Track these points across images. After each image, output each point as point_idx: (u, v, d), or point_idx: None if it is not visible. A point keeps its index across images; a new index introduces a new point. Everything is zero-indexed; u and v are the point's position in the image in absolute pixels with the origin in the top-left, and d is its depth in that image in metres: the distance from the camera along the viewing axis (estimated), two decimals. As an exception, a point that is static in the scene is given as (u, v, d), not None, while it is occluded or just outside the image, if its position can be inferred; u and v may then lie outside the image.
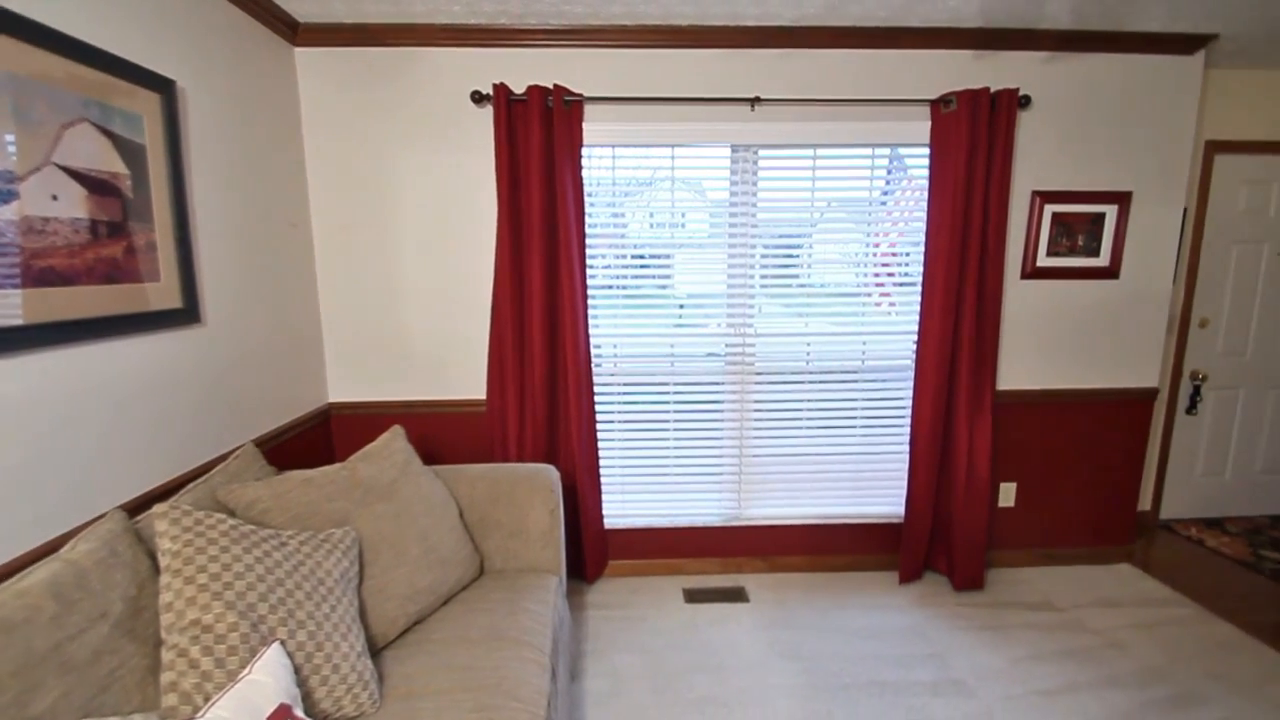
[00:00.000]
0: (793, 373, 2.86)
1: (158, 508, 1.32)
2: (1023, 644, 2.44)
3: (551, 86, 2.44)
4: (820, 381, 2.87)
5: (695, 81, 2.56)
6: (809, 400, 2.88)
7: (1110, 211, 2.76)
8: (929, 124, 2.59)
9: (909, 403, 2.82)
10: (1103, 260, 2.80)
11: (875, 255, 2.83)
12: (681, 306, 2.80)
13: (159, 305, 1.72)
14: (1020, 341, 2.85)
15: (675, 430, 2.88)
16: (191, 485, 1.64)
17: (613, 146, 2.63)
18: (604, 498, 2.87)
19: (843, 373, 2.87)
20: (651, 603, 2.73)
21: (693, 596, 2.77)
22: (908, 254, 2.80)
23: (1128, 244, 2.80)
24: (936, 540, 2.89)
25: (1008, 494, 2.98)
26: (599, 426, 2.79)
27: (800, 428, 2.91)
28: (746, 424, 2.88)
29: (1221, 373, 3.37)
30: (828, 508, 2.98)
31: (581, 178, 2.52)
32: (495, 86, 2.43)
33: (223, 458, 1.97)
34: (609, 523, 2.90)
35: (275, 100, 2.34)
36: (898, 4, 2.28)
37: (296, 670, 1.30)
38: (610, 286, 2.77)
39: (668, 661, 2.33)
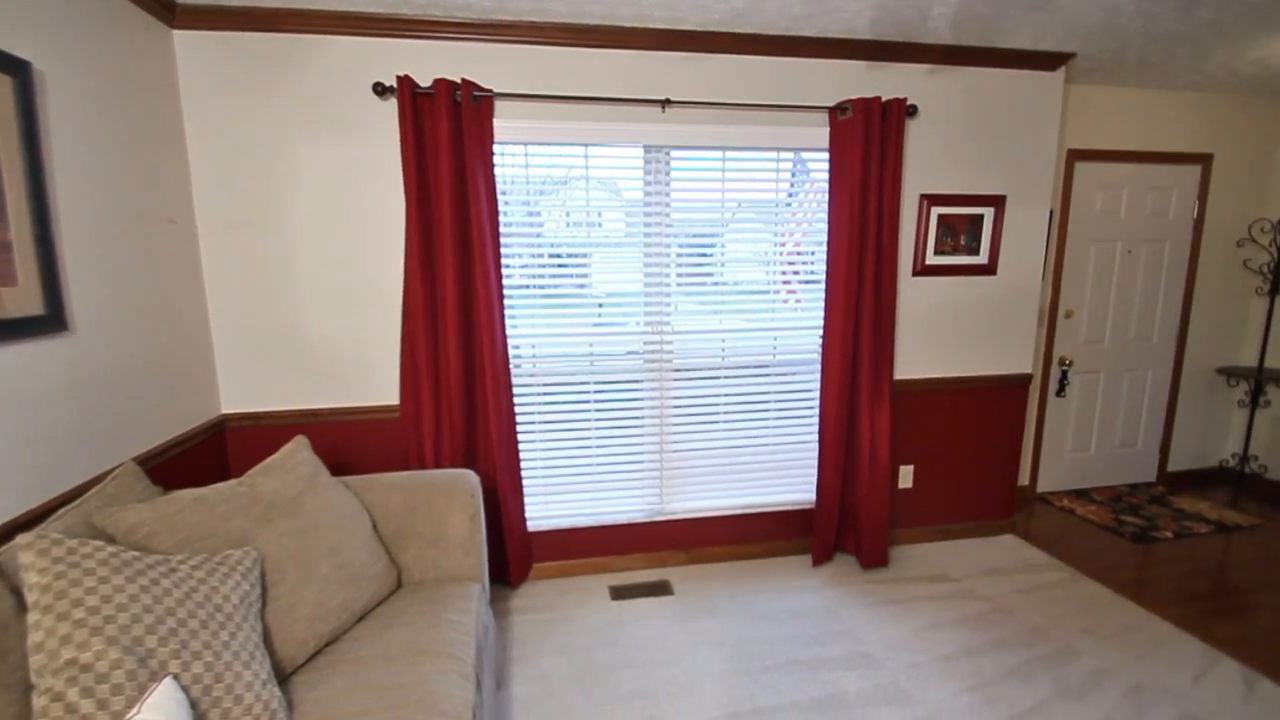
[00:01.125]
0: (709, 368, 2.94)
1: (21, 538, 1.18)
2: (923, 615, 2.63)
3: (460, 81, 2.38)
4: (735, 376, 2.97)
5: (607, 81, 2.58)
6: (725, 395, 2.97)
7: (988, 213, 3.02)
8: (828, 130, 2.74)
9: (817, 394, 2.97)
10: (982, 258, 3.06)
11: (783, 254, 2.95)
12: (600, 306, 2.81)
13: (17, 312, 1.53)
14: (913, 334, 3.07)
15: (597, 429, 2.88)
16: (62, 511, 1.48)
17: (525, 144, 2.60)
18: (526, 500, 2.84)
19: (756, 367, 2.98)
20: (578, 602, 2.72)
21: (619, 593, 2.79)
22: (813, 253, 2.95)
23: (1003, 243, 3.08)
24: (845, 523, 3.06)
25: (906, 476, 3.20)
26: (519, 428, 2.75)
27: (718, 422, 2.99)
28: (666, 420, 2.93)
29: (1085, 359, 3.78)
30: (745, 497, 3.09)
31: (494, 175, 2.48)
32: (399, 79, 2.34)
33: (100, 479, 1.79)
34: (533, 525, 2.87)
35: (151, 86, 2.14)
36: (797, 14, 2.39)
37: (194, 705, 1.20)
38: (527, 286, 2.74)
39: (596, 660, 2.34)
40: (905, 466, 3.19)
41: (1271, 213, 3.79)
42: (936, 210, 2.96)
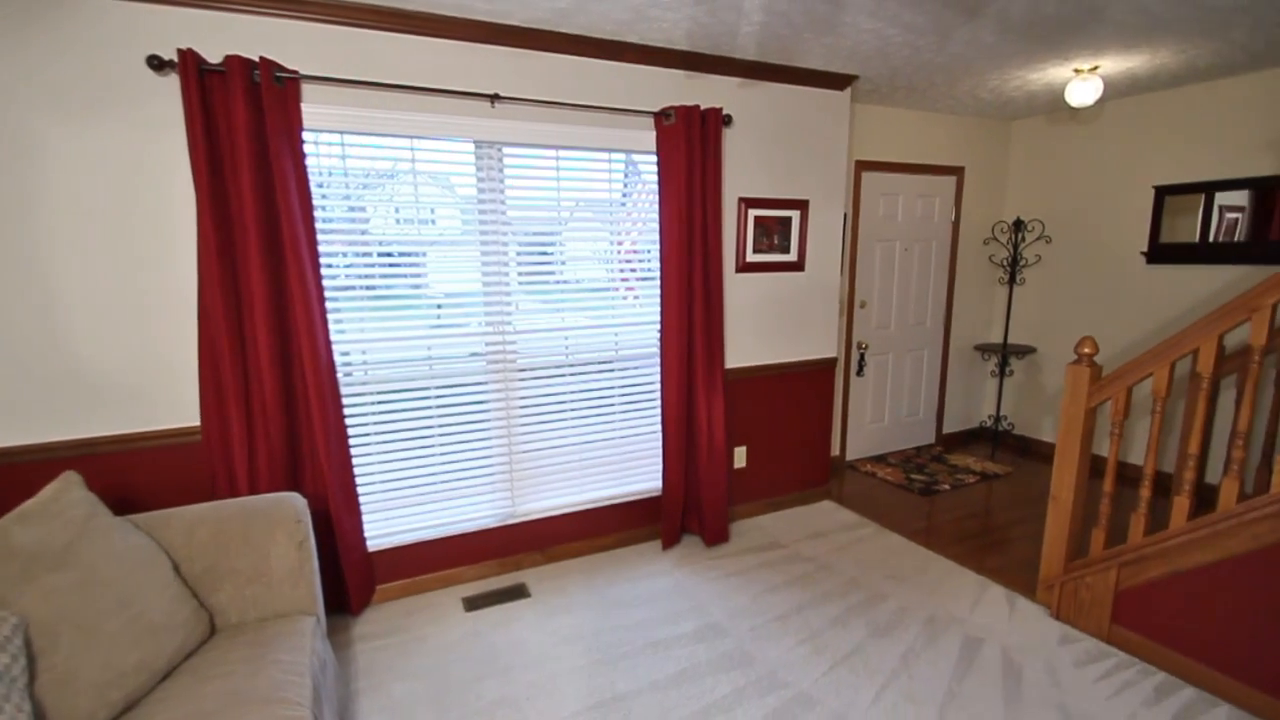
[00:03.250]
0: (554, 366, 2.94)
1: None
2: (761, 581, 2.87)
3: (258, 59, 2.13)
4: (581, 373, 3.00)
5: (433, 72, 2.46)
6: (571, 392, 3.00)
7: (795, 216, 3.37)
8: (655, 134, 2.86)
9: (658, 386, 3.11)
10: (793, 256, 3.41)
11: (620, 253, 3.04)
12: (439, 306, 2.68)
13: None
14: (740, 326, 3.33)
15: (441, 435, 2.75)
16: None
17: (341, 133, 2.40)
18: (365, 519, 2.63)
19: (600, 363, 3.04)
20: (429, 620, 2.58)
21: (473, 604, 2.69)
22: (648, 251, 3.07)
23: (809, 242, 3.45)
24: (689, 505, 3.24)
25: (741, 457, 3.47)
26: (353, 441, 2.54)
27: (566, 419, 3.00)
28: (514, 421, 2.89)
29: (877, 342, 4.36)
30: (597, 491, 3.14)
31: (305, 165, 2.25)
32: (181, 52, 2.03)
33: None
34: (374, 544, 2.66)
35: None
36: (620, 19, 2.47)
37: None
38: (354, 287, 2.53)
39: (452, 676, 2.24)
40: (739, 448, 3.45)
41: (1008, 215, 4.67)
42: (753, 212, 3.23)
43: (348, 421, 2.52)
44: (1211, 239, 3.53)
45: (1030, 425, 4.65)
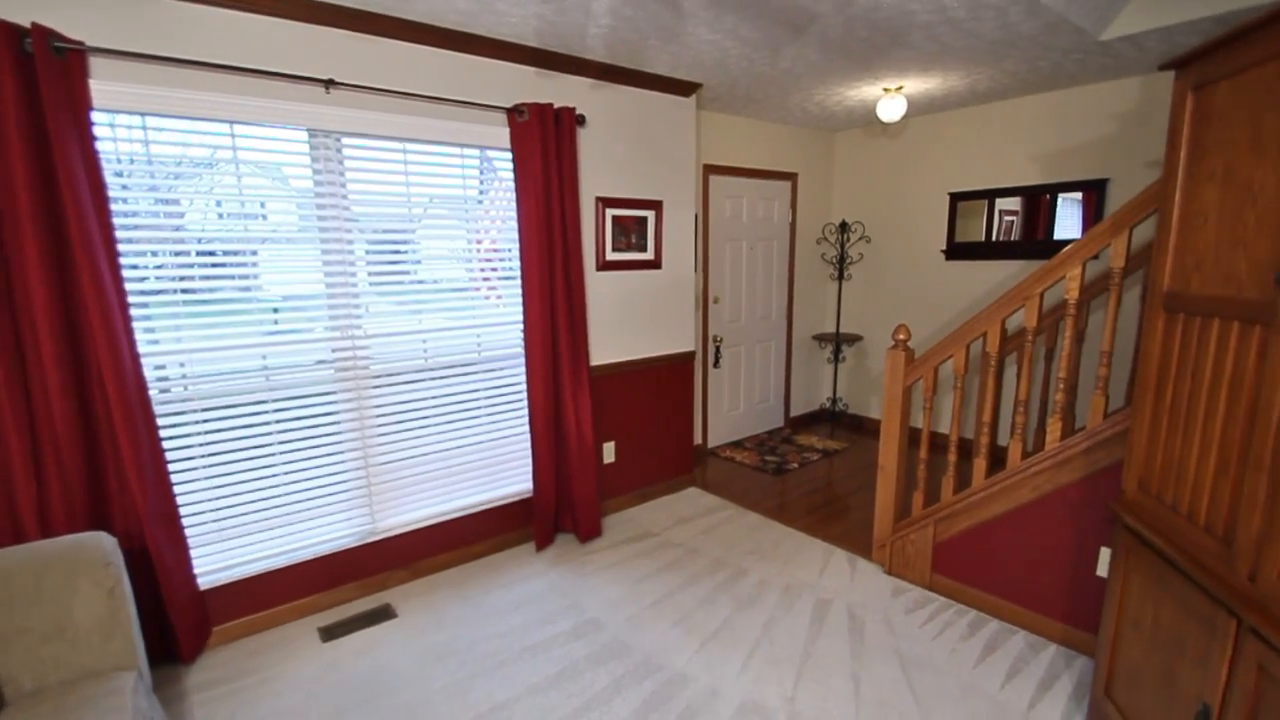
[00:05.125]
0: (413, 371, 2.79)
1: None
2: (635, 571, 2.95)
3: (30, 25, 1.79)
4: (442, 377, 2.88)
5: (256, 51, 2.23)
6: (433, 397, 2.86)
7: (650, 216, 3.49)
8: (509, 130, 2.82)
9: (524, 386, 3.07)
10: (650, 255, 3.53)
11: (480, 251, 2.96)
12: (276, 311, 2.43)
13: None
14: (603, 323, 3.38)
15: (283, 453, 2.50)
16: None
17: (143, 115, 2.09)
18: (195, 553, 2.31)
19: (462, 366, 2.93)
20: (279, 658, 2.34)
21: (331, 633, 2.48)
22: (509, 250, 3.02)
23: (665, 241, 3.59)
24: (562, 504, 3.24)
25: (610, 452, 3.53)
26: (174, 467, 2.23)
27: (427, 426, 2.86)
28: (369, 431, 2.70)
29: (730, 335, 4.64)
30: (466, 498, 3.03)
31: (96, 150, 1.94)
32: (-85, 9, 1.66)
33: None
34: (208, 581, 2.36)
35: None
36: (464, 9, 2.39)
37: None
38: (168, 291, 2.22)
39: (309, 716, 2.05)
40: (608, 443, 3.51)
41: (835, 218, 5.17)
42: (611, 212, 3.30)
43: (167, 444, 2.21)
44: (994, 239, 4.19)
45: (861, 404, 5.21)
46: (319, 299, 2.52)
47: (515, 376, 3.12)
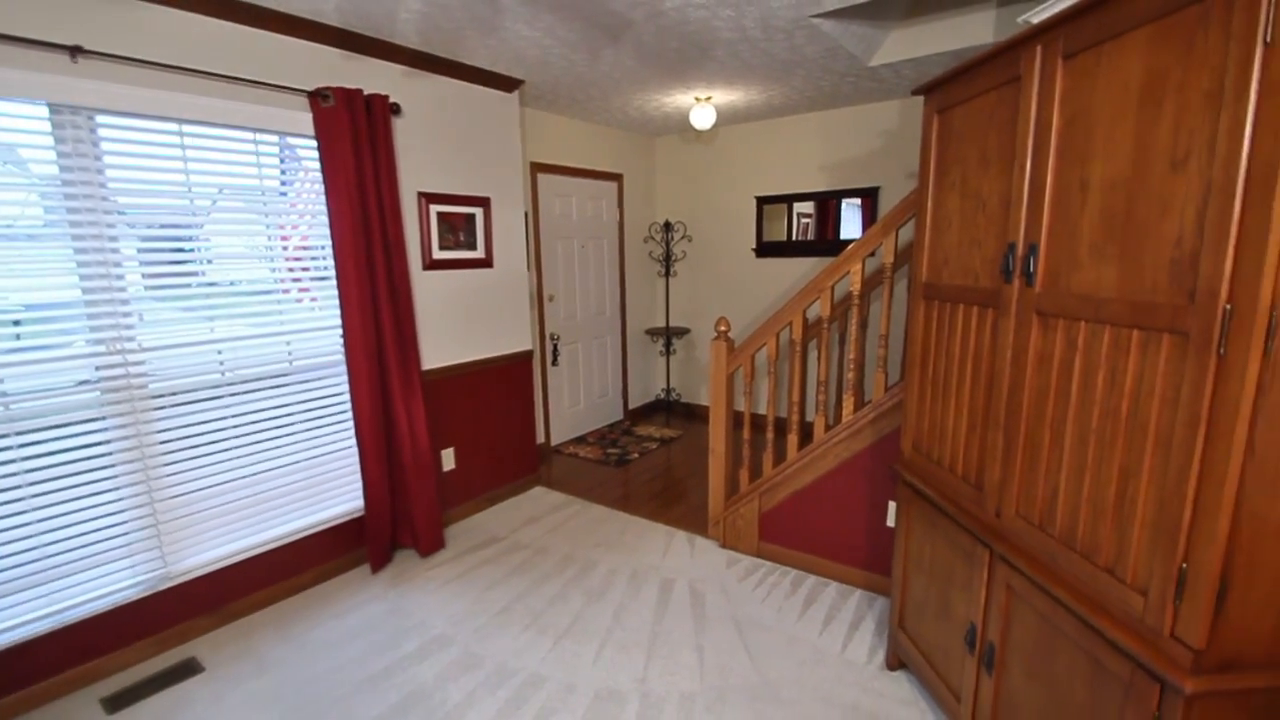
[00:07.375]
0: (207, 387, 2.44)
1: None
2: (482, 579, 2.87)
3: None
4: (244, 392, 2.55)
5: (-37, 5, 1.80)
6: (234, 415, 2.53)
7: (479, 213, 3.39)
8: (312, 116, 2.57)
9: (348, 396, 2.83)
10: (480, 253, 3.43)
11: (287, 250, 2.67)
12: (18, 324, 1.97)
13: None
14: (434, 325, 3.23)
15: (31, 498, 2.05)
16: None
17: None
18: (-102, 638, 1.82)
19: (271, 377, 2.62)
20: (39, 746, 1.93)
21: (118, 702, 2.09)
22: (322, 248, 2.76)
23: (495, 239, 3.52)
24: (399, 519, 3.04)
25: (449, 458, 3.38)
26: None
27: (230, 449, 2.52)
28: (152, 461, 2.31)
29: (567, 333, 4.67)
30: (284, 526, 2.72)
31: None
32: None
33: None
34: (-81, 672, 1.87)
35: None
36: (260, -17, 2.15)
37: None
38: None
39: (90, 803, 1.72)
40: (446, 449, 3.36)
41: (659, 217, 5.43)
42: (435, 208, 3.15)
43: None
44: (794, 238, 4.69)
45: (692, 393, 5.55)
46: (75, 307, 2.10)
47: (337, 386, 2.86)
